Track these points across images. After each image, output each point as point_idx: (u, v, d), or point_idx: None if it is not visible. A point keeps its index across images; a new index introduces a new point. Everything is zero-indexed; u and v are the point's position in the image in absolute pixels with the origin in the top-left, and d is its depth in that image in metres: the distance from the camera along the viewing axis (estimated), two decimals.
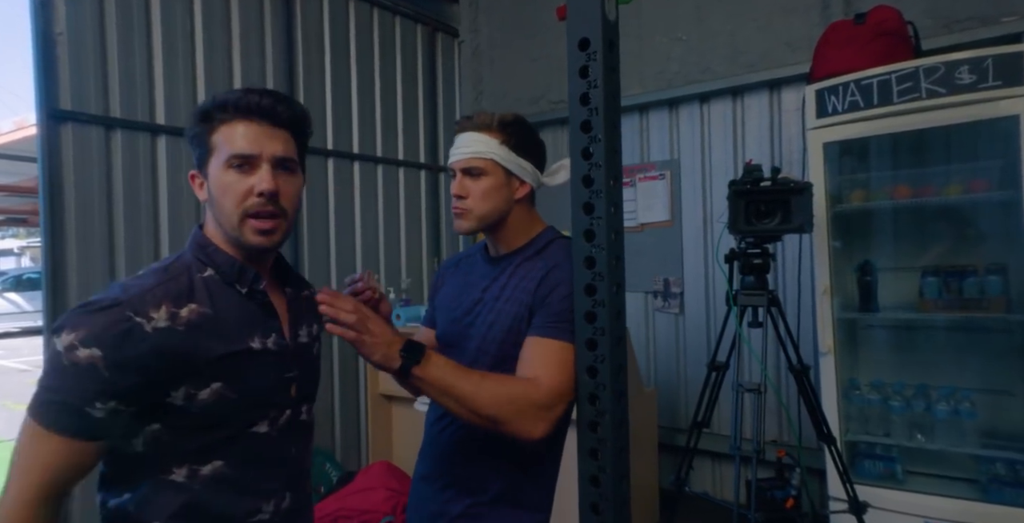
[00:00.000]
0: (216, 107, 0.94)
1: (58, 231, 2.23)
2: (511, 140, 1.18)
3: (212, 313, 0.92)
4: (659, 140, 3.38)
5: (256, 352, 0.95)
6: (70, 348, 0.81)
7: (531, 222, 1.25)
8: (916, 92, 2.11)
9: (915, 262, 2.42)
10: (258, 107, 0.93)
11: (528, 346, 1.12)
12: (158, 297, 0.88)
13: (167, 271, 0.93)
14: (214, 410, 0.90)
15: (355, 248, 3.35)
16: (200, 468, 0.92)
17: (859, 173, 2.52)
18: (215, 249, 0.97)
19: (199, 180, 0.98)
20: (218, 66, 2.73)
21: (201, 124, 0.94)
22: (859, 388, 2.42)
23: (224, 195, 0.93)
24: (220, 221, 0.96)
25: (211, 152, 0.94)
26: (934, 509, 2.12)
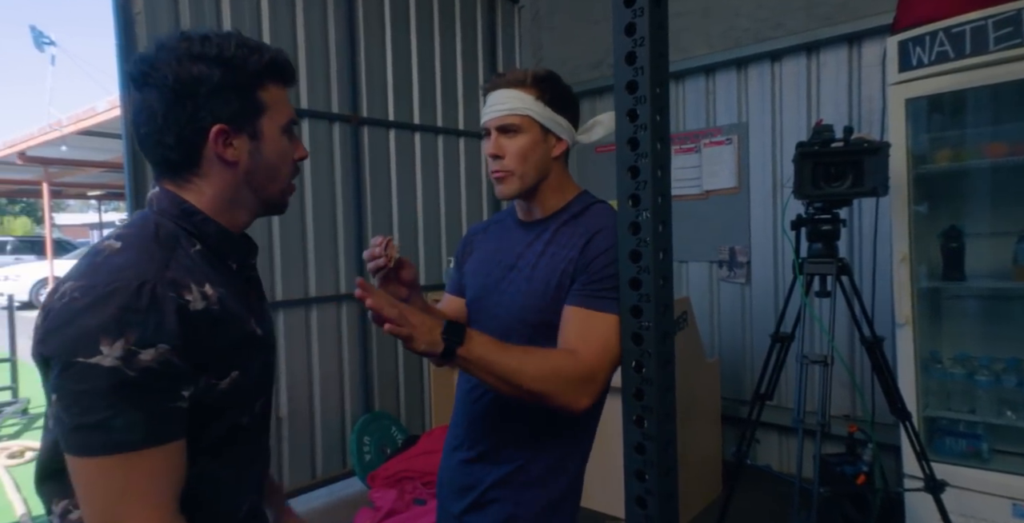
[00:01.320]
0: (269, 66, 0.85)
1: (142, 203, 2.37)
2: (546, 95, 1.14)
3: (225, 293, 0.81)
4: (726, 103, 3.22)
5: (258, 337, 0.87)
6: (128, 357, 0.68)
7: (566, 183, 1.21)
8: (1017, 38, 1.90)
9: (1009, 226, 2.22)
10: (292, 74, 0.91)
11: (569, 316, 1.09)
12: (182, 275, 0.76)
13: (159, 242, 0.79)
14: (227, 400, 0.81)
15: (417, 218, 3.41)
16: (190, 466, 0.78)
17: (948, 130, 2.32)
18: (203, 218, 0.84)
19: (227, 137, 0.82)
20: (283, 41, 2.79)
21: (241, 75, 0.82)
22: (940, 362, 2.27)
23: (284, 160, 0.89)
24: (263, 185, 0.88)
25: (262, 110, 0.84)
26: (1022, 490, 1.99)
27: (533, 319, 1.14)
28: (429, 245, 3.46)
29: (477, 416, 1.22)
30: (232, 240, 0.88)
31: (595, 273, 1.09)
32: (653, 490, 1.01)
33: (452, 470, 1.26)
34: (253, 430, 0.89)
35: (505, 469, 1.16)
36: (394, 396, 3.32)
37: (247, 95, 0.83)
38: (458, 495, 1.23)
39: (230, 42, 0.82)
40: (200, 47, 0.80)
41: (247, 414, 0.87)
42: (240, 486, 0.89)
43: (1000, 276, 2.23)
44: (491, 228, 1.33)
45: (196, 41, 0.80)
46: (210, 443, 0.81)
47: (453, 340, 0.97)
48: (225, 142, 0.82)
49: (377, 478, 2.82)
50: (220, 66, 0.80)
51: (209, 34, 0.82)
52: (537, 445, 1.17)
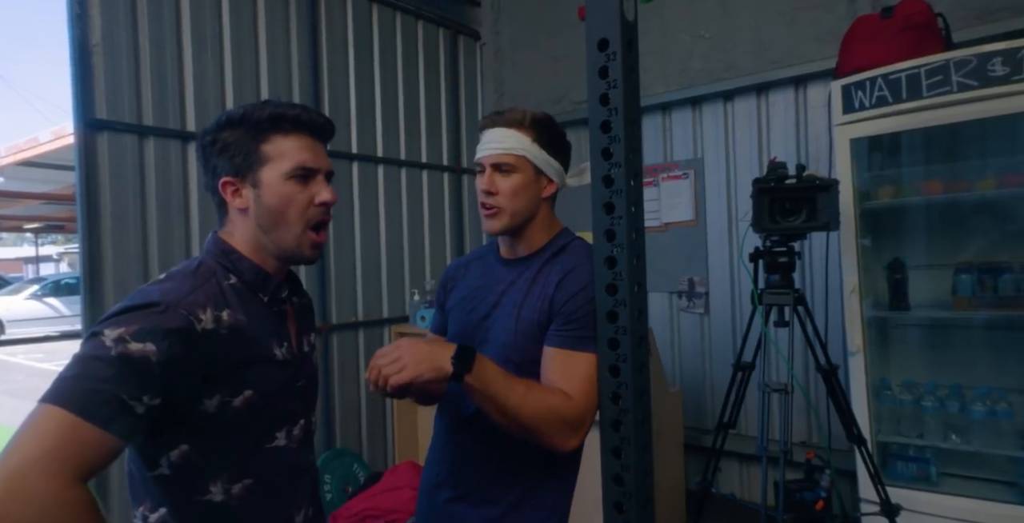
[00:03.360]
0: (272, 118, 0.96)
1: (95, 236, 2.30)
2: (542, 138, 1.17)
3: (245, 320, 0.93)
4: (682, 139, 3.35)
5: (277, 361, 0.97)
6: (119, 340, 0.79)
7: (551, 222, 1.25)
8: (947, 86, 2.06)
9: (948, 259, 2.37)
10: (314, 124, 0.99)
11: (551, 358, 1.11)
12: (201, 300, 0.88)
13: (195, 276, 0.93)
14: (243, 419, 0.91)
15: (380, 251, 3.39)
16: (232, 487, 0.92)
17: (888, 169, 2.47)
18: (239, 256, 0.98)
19: (235, 187, 0.97)
20: (246, 74, 2.79)
21: (248, 132, 0.96)
22: (890, 388, 2.37)
23: (289, 205, 0.96)
24: (272, 230, 0.97)
25: (264, 161, 0.95)
26: (970, 512, 2.07)
27: (517, 357, 1.15)
28: (392, 278, 3.44)
29: (463, 453, 1.20)
30: (263, 276, 0.99)
31: (571, 313, 1.11)
32: (632, 521, 1.02)
33: (436, 510, 1.23)
34: (295, 450, 1.00)
35: (496, 510, 1.15)
36: (356, 432, 3.24)
37: (249, 149, 0.96)
38: None
39: (243, 106, 0.97)
40: (223, 116, 0.98)
41: (285, 436, 0.98)
42: (295, 495, 1.00)
43: (941, 306, 2.35)
44: (472, 264, 1.34)
45: (225, 112, 0.98)
46: (238, 463, 0.92)
47: (462, 367, 0.98)
48: (233, 192, 0.97)
49: (339, 518, 2.73)
50: (227, 128, 0.97)
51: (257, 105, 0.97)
52: (527, 483, 1.16)
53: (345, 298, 3.20)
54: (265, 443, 0.96)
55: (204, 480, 0.90)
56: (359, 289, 3.27)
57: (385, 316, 3.39)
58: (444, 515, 1.21)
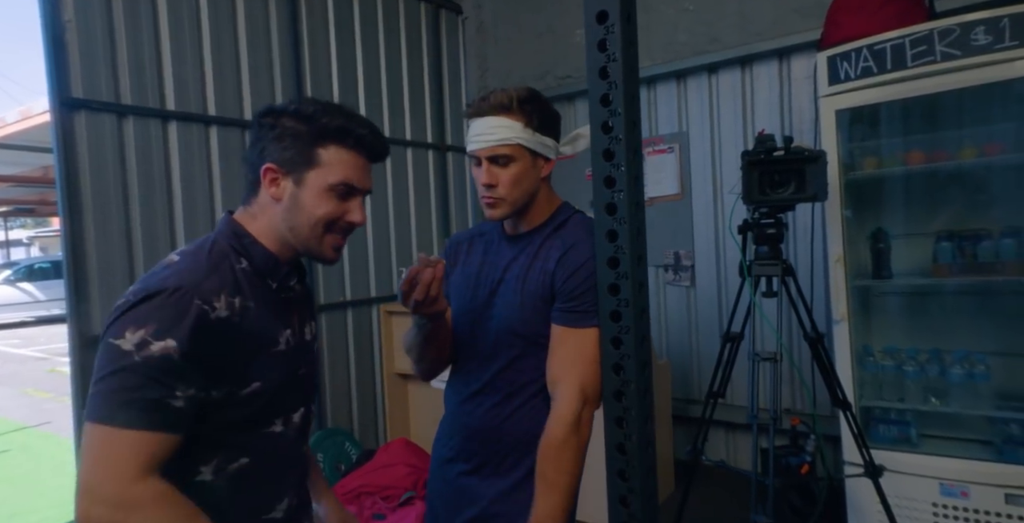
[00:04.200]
0: (339, 130, 0.96)
1: (76, 219, 2.26)
2: (533, 120, 1.16)
3: (254, 308, 0.93)
4: (667, 113, 3.36)
5: (282, 352, 0.97)
6: (141, 345, 0.80)
7: (550, 198, 1.25)
8: (931, 55, 2.08)
9: (928, 228, 2.42)
10: (375, 148, 1.01)
11: (557, 336, 1.14)
12: (215, 285, 0.88)
13: (210, 258, 0.92)
14: (245, 408, 0.91)
15: (366, 229, 3.37)
16: (228, 465, 0.92)
17: (871, 140, 2.50)
18: (252, 241, 0.97)
19: (275, 177, 0.96)
20: (225, 51, 2.72)
21: (310, 131, 0.95)
22: (872, 355, 2.44)
23: (317, 210, 0.96)
24: (295, 226, 0.97)
25: (314, 164, 0.95)
26: (948, 471, 2.15)
27: (524, 331, 1.17)
28: (379, 257, 3.42)
29: (473, 428, 1.22)
30: (274, 263, 0.99)
31: (573, 290, 1.13)
32: (635, 489, 1.05)
33: (448, 483, 1.25)
34: (291, 438, 1.00)
35: (507, 482, 1.17)
36: (347, 411, 3.26)
37: (305, 147, 0.95)
38: (456, 509, 1.22)
39: (316, 104, 0.97)
40: (292, 104, 0.97)
41: (283, 423, 0.98)
42: (282, 485, 1.00)
43: (921, 274, 2.41)
44: (476, 240, 1.34)
45: (296, 101, 0.99)
46: (236, 445, 0.92)
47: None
48: (272, 180, 0.96)
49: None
50: (293, 118, 0.96)
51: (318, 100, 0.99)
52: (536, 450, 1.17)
53: (333, 278, 3.19)
54: (263, 428, 0.96)
55: (196, 462, 0.90)
56: (346, 269, 3.26)
57: (373, 295, 3.38)
58: (456, 488, 1.24)
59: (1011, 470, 2.07)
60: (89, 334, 2.24)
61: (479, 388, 1.20)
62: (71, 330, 2.23)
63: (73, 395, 2.24)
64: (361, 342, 3.31)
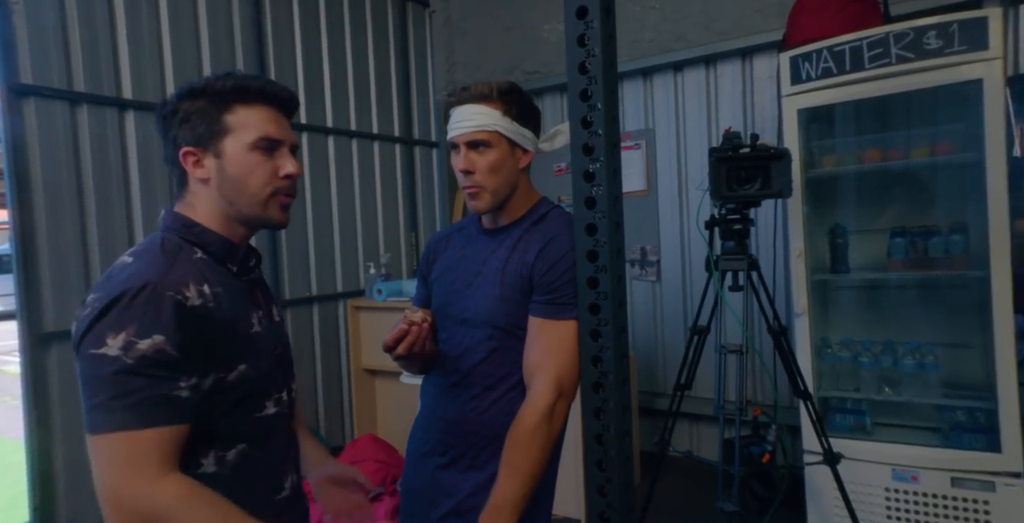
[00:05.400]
0: (236, 89, 0.94)
1: (26, 209, 2.16)
2: (512, 109, 1.17)
3: (222, 293, 0.92)
4: (634, 110, 3.40)
5: (259, 333, 0.97)
6: (128, 347, 0.79)
7: (529, 191, 1.26)
8: (887, 58, 2.16)
9: (883, 224, 2.51)
10: (279, 96, 0.98)
11: (534, 328, 1.15)
12: (181, 276, 0.87)
13: (165, 252, 0.90)
14: (236, 393, 0.91)
15: (332, 224, 3.32)
16: (226, 453, 0.92)
17: (829, 138, 2.58)
18: (202, 229, 0.96)
19: (196, 158, 0.95)
20: (185, 39, 2.63)
21: (210, 102, 0.94)
22: (830, 347, 2.52)
23: (251, 174, 0.95)
24: (236, 199, 0.95)
25: (226, 131, 0.94)
26: (901, 457, 2.25)
27: (503, 323, 1.17)
28: (346, 252, 3.37)
29: (450, 421, 1.22)
30: (230, 247, 0.98)
31: (552, 283, 1.14)
32: (613, 479, 1.06)
33: (425, 477, 1.25)
34: (285, 416, 1.01)
35: (484, 475, 1.17)
36: (313, 408, 3.21)
37: (212, 119, 0.94)
38: (432, 503, 1.22)
39: (207, 77, 0.96)
40: (184, 86, 0.95)
41: (275, 404, 0.99)
42: (284, 466, 1.01)
43: (876, 268, 2.51)
44: (454, 236, 1.35)
45: (187, 83, 0.96)
46: (232, 432, 0.92)
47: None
48: (195, 163, 0.95)
49: None
50: (190, 98, 0.94)
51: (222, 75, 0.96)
52: None
53: (298, 273, 3.13)
54: (256, 413, 0.96)
55: (195, 456, 0.89)
56: (312, 263, 3.21)
57: (340, 290, 3.34)
58: (432, 482, 1.23)
59: (957, 455, 2.17)
60: (40, 331, 2.15)
61: (457, 380, 1.20)
62: (21, 327, 2.14)
63: (24, 395, 2.14)
64: (327, 338, 3.27)
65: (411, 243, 3.75)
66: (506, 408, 1.16)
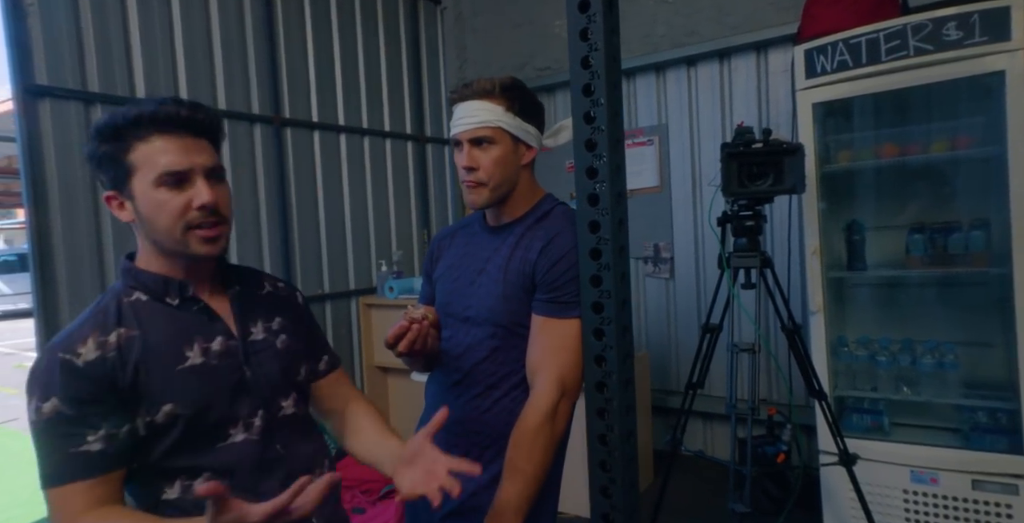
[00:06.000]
0: (128, 123, 0.88)
1: (42, 211, 2.19)
2: (515, 105, 1.16)
3: (140, 335, 0.91)
4: (647, 105, 3.36)
5: (197, 366, 0.93)
6: (37, 410, 0.85)
7: (533, 188, 1.25)
8: (904, 50, 2.11)
9: (901, 220, 2.46)
10: (177, 119, 0.90)
11: (537, 327, 1.13)
12: (84, 332, 0.89)
13: (96, 306, 0.94)
14: (174, 432, 0.90)
15: (344, 222, 3.33)
16: (192, 482, 0.93)
17: (845, 133, 2.53)
18: (138, 271, 0.97)
19: (118, 201, 0.93)
20: (197, 39, 2.65)
21: (111, 142, 0.89)
22: (847, 345, 2.48)
23: (159, 213, 0.90)
24: (156, 238, 0.93)
25: (132, 171, 0.89)
26: (919, 458, 2.20)
27: (505, 321, 1.16)
28: (358, 249, 3.38)
29: (452, 420, 1.20)
30: (162, 283, 0.96)
31: (555, 281, 1.12)
32: (617, 479, 1.05)
33: None
34: (258, 441, 0.98)
35: (487, 475, 1.15)
36: None
37: (116, 160, 0.90)
38: None
39: (114, 111, 0.91)
40: (92, 126, 0.91)
41: (243, 430, 0.97)
42: (256, 491, 0.94)
43: (894, 265, 2.46)
44: (458, 233, 1.34)
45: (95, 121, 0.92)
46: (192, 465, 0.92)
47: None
48: (118, 206, 0.93)
49: None
50: (98, 140, 0.90)
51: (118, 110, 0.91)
52: None
53: (310, 271, 3.14)
54: (218, 442, 0.95)
55: (158, 485, 0.93)
56: (324, 261, 3.22)
57: (352, 288, 3.35)
58: None
59: (977, 457, 2.12)
60: (57, 329, 2.18)
61: (459, 379, 1.20)
62: (38, 325, 2.17)
63: None
64: (340, 335, 3.28)
65: (423, 240, 3.75)
66: (509, 407, 1.15)
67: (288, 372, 1.06)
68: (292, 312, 1.11)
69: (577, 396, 1.13)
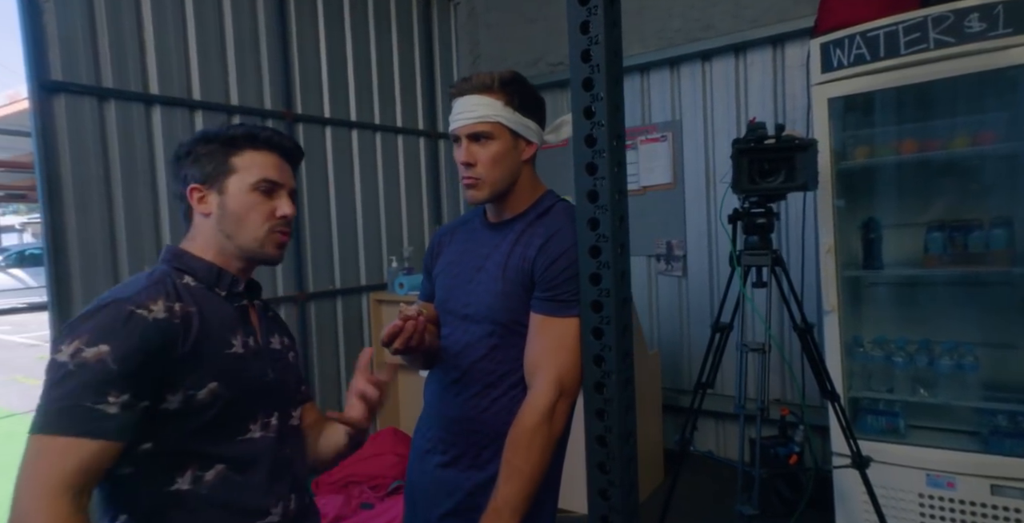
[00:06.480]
0: (245, 135, 1.03)
1: (56, 204, 2.22)
2: (514, 100, 1.14)
3: (199, 312, 0.95)
4: (660, 101, 3.32)
5: (240, 354, 0.99)
6: (75, 353, 0.82)
7: (534, 184, 1.23)
8: (924, 43, 2.05)
9: (920, 218, 2.40)
10: (283, 146, 1.07)
11: (535, 325, 1.12)
12: (152, 294, 0.91)
13: (149, 277, 0.96)
14: (209, 411, 0.92)
15: (356, 218, 3.34)
16: (204, 474, 0.93)
17: (863, 129, 2.47)
18: (190, 257, 1.02)
19: (201, 194, 1.02)
20: (210, 36, 2.67)
21: (221, 145, 1.02)
22: (862, 345, 2.43)
23: (250, 212, 1.02)
24: (234, 232, 1.01)
25: (232, 172, 1.02)
26: (936, 461, 2.15)
27: (503, 319, 1.15)
28: (369, 245, 3.39)
29: (452, 419, 1.20)
30: (216, 272, 1.02)
31: (554, 278, 1.11)
32: (615, 481, 1.03)
33: (426, 475, 1.24)
34: (274, 441, 1.01)
35: (485, 475, 1.15)
36: (336, 400, 3.24)
37: (220, 159, 1.02)
38: (434, 501, 1.21)
39: (221, 126, 1.06)
40: (199, 132, 1.05)
41: (261, 428, 1.00)
42: (272, 492, 1.00)
43: (912, 264, 2.40)
44: (458, 230, 1.32)
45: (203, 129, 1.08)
46: (210, 452, 0.93)
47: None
48: (200, 198, 1.02)
49: (321, 484, 2.75)
50: (202, 142, 1.03)
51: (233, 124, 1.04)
52: None
53: (322, 266, 3.16)
54: (238, 435, 0.97)
55: (170, 472, 0.91)
56: (336, 257, 3.23)
57: (363, 284, 3.36)
58: (434, 480, 1.22)
59: (997, 461, 2.07)
60: None
61: (457, 377, 1.18)
62: (52, 318, 2.21)
63: None
64: (351, 331, 3.29)
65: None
66: (507, 407, 1.13)
67: (298, 386, 1.13)
68: (291, 338, 1.18)
69: (576, 396, 1.11)
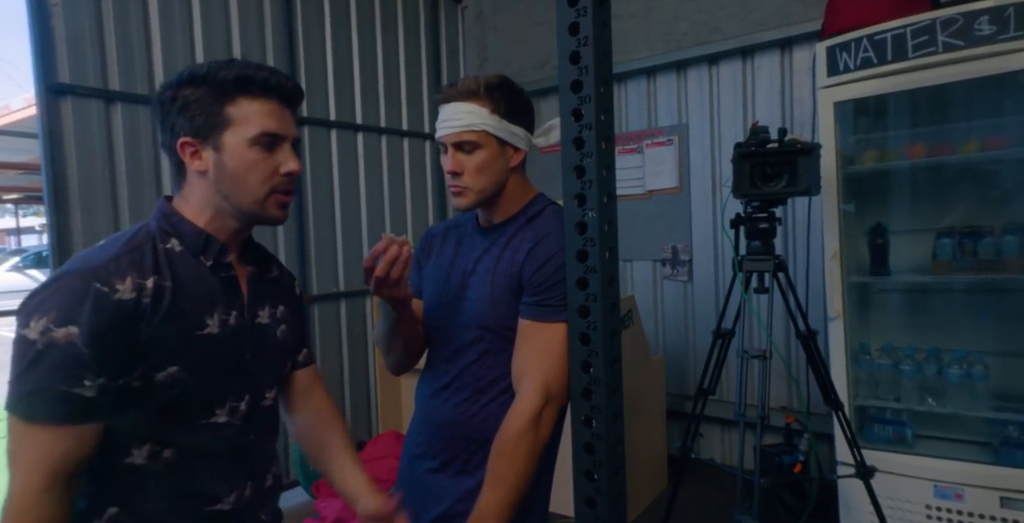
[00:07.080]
0: (238, 80, 0.90)
1: (62, 206, 2.23)
2: (501, 107, 1.12)
3: (172, 288, 0.88)
4: (667, 105, 3.30)
5: (213, 335, 0.92)
6: (44, 332, 0.78)
7: (524, 188, 1.22)
8: (932, 46, 2.02)
9: (929, 224, 2.36)
10: (282, 88, 0.95)
11: (523, 330, 1.10)
12: (123, 267, 0.85)
13: (129, 241, 0.89)
14: (168, 394, 0.87)
15: (360, 220, 3.34)
16: (162, 450, 0.89)
17: (872, 133, 2.44)
18: (180, 219, 0.94)
19: (194, 149, 0.91)
20: (216, 38, 2.68)
21: (211, 92, 0.90)
22: (869, 353, 2.39)
23: (250, 171, 0.92)
24: (231, 193, 0.93)
25: (227, 124, 0.90)
26: (944, 472, 2.11)
27: (492, 324, 1.14)
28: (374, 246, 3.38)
29: (441, 424, 1.19)
30: (204, 240, 0.94)
31: (541, 283, 1.09)
32: (603, 490, 1.01)
33: (415, 480, 1.23)
34: (239, 428, 0.96)
35: (474, 481, 1.14)
36: (339, 402, 3.24)
37: (212, 110, 0.90)
38: (423, 506, 1.20)
39: (209, 64, 0.91)
40: (185, 72, 0.91)
41: (228, 413, 0.94)
42: (229, 476, 0.96)
43: (921, 271, 2.36)
44: (450, 232, 1.31)
45: (188, 68, 0.92)
46: (170, 432, 0.89)
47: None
48: (192, 154, 0.92)
49: (322, 488, 2.74)
50: (189, 85, 0.90)
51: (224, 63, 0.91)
52: None
53: (326, 269, 3.16)
54: (201, 419, 0.92)
55: (127, 445, 0.87)
56: (340, 259, 3.23)
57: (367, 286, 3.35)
58: (423, 486, 1.21)
59: (1008, 473, 2.02)
60: None
61: (448, 382, 1.17)
62: None
63: None
64: (354, 333, 3.29)
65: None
66: (497, 412, 1.12)
67: (278, 365, 1.07)
68: (292, 302, 1.10)
69: (563, 402, 1.10)
